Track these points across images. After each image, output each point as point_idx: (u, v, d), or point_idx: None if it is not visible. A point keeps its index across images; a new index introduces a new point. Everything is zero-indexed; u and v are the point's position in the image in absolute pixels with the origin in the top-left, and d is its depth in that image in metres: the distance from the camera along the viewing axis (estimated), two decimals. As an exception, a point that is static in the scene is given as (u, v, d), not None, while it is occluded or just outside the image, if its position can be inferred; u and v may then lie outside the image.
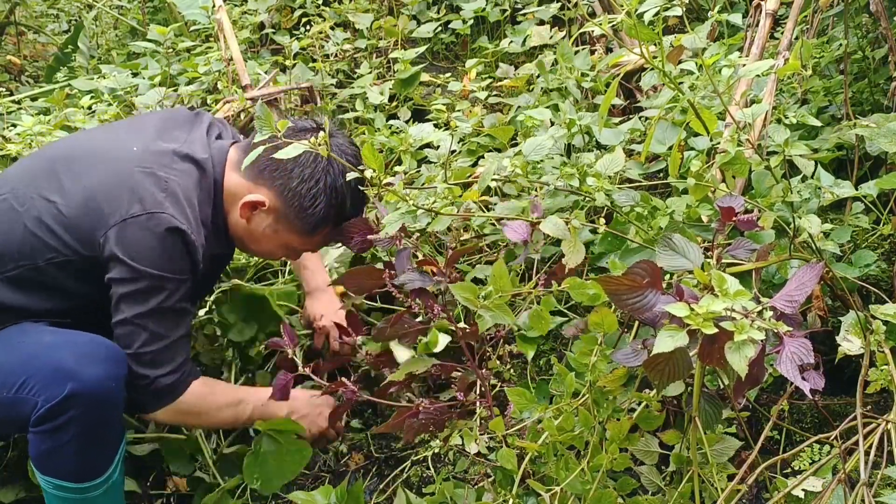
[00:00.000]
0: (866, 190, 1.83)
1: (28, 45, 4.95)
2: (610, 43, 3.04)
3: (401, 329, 1.68)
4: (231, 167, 1.80)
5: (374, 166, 1.50)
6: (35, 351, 1.64)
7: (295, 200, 1.74)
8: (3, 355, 1.65)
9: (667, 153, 2.14)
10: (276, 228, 1.79)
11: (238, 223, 1.80)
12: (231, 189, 1.79)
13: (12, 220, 1.69)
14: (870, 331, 1.57)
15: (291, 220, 1.77)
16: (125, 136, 1.82)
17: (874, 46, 2.40)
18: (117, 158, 1.74)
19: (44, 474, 1.65)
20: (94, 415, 1.60)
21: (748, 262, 1.57)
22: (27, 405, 1.59)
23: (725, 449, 1.57)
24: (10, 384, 1.61)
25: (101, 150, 1.78)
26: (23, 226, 1.68)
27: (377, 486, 1.94)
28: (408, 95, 3.18)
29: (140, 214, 1.65)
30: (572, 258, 1.54)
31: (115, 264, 1.65)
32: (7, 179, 1.79)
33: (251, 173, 1.76)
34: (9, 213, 1.70)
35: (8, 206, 1.71)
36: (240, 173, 1.77)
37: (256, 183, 1.77)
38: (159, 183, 1.69)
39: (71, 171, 1.72)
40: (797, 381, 1.17)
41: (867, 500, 1.28)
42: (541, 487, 1.46)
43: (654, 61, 1.60)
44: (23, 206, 1.70)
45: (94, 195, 1.67)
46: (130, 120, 2.04)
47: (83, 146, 1.83)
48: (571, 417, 1.51)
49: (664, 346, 1.17)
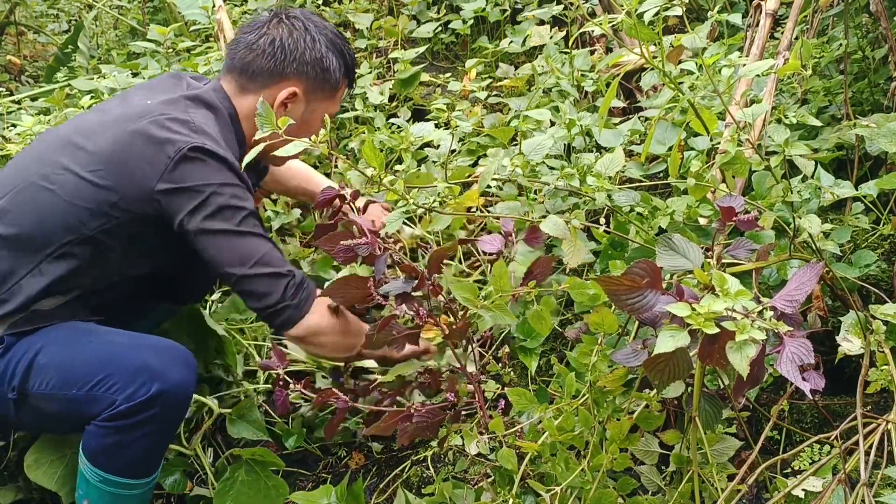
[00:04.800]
0: (866, 190, 1.83)
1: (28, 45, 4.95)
2: (610, 43, 3.04)
3: (388, 335, 1.67)
4: (235, 96, 1.84)
5: (375, 165, 1.50)
6: (112, 350, 1.66)
7: (314, 68, 1.84)
8: (70, 353, 1.66)
9: (667, 153, 2.14)
10: (310, 109, 1.87)
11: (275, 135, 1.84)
12: (250, 110, 1.81)
13: (48, 200, 1.68)
14: (870, 331, 1.57)
15: (319, 88, 1.86)
16: (129, 100, 1.83)
17: (874, 46, 2.40)
18: (134, 115, 1.72)
19: (97, 467, 1.66)
20: (172, 415, 1.67)
21: (748, 262, 1.57)
22: (100, 403, 1.61)
23: (725, 449, 1.57)
24: (83, 382, 1.62)
25: (113, 114, 1.77)
26: (62, 201, 1.67)
27: (377, 486, 1.94)
28: (408, 95, 3.18)
29: (182, 149, 1.64)
30: (573, 258, 1.54)
31: (178, 198, 1.65)
32: (24, 165, 1.77)
33: (262, 81, 1.82)
34: (41, 193, 1.69)
35: (38, 188, 1.70)
36: (248, 93, 1.83)
37: (273, 85, 1.83)
38: (186, 125, 1.70)
39: (90, 139, 1.71)
40: (797, 382, 1.17)
41: (867, 500, 1.28)
42: (541, 487, 1.46)
43: (654, 61, 1.60)
44: (54, 183, 1.69)
45: (126, 151, 1.67)
46: (120, 94, 2.01)
47: (91, 118, 1.81)
48: (571, 417, 1.51)
49: (665, 346, 1.17)
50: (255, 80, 1.83)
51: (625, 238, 1.79)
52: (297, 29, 1.83)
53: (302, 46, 1.83)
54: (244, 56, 1.83)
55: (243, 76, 1.84)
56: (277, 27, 1.84)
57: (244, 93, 1.84)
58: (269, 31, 1.84)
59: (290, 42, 1.82)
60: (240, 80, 1.84)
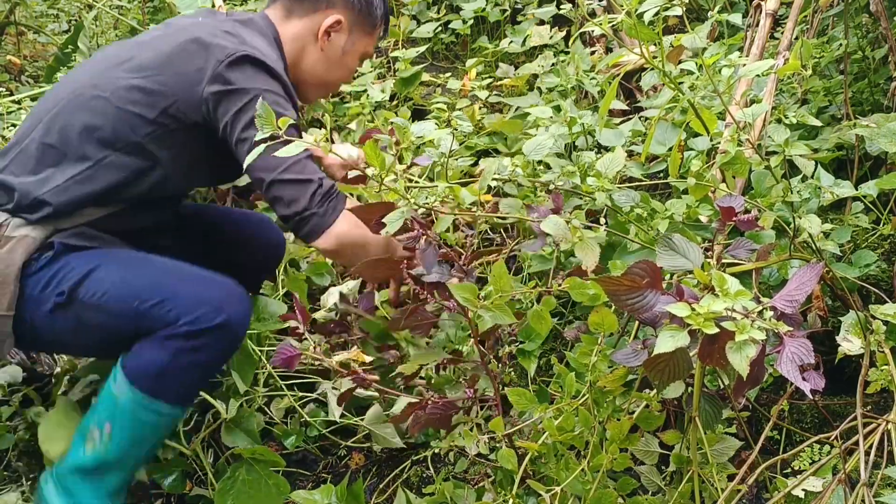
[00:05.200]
0: (866, 190, 1.83)
1: (28, 45, 4.95)
2: (610, 43, 3.04)
3: (414, 321, 1.67)
4: (280, 22, 1.89)
5: (376, 164, 1.50)
6: (177, 274, 1.70)
7: (360, 1, 1.91)
8: (132, 271, 1.69)
9: (667, 153, 2.14)
10: (351, 41, 1.93)
11: (315, 63, 1.91)
12: (294, 35, 1.89)
13: (99, 107, 1.71)
14: (870, 331, 1.57)
15: (362, 22, 1.93)
16: (172, 23, 1.87)
17: (874, 46, 2.40)
18: (185, 27, 1.77)
19: (139, 388, 1.65)
20: (227, 349, 1.70)
21: (748, 262, 1.57)
22: (158, 321, 1.63)
23: (725, 449, 1.57)
24: (143, 298, 1.64)
25: (159, 32, 1.82)
26: (113, 107, 1.71)
27: (377, 486, 1.94)
28: (408, 95, 3.17)
29: (233, 54, 1.69)
30: (588, 260, 1.54)
31: (225, 100, 1.68)
32: (74, 78, 1.82)
33: (308, 6, 1.89)
34: (92, 101, 1.73)
35: (89, 97, 1.73)
36: (293, 18, 1.89)
37: (319, 11, 1.89)
38: (237, 37, 1.74)
39: (140, 52, 1.75)
40: (797, 382, 1.17)
41: (867, 500, 1.28)
42: (541, 487, 1.46)
43: (654, 61, 1.60)
44: (105, 91, 1.72)
45: (178, 55, 1.71)
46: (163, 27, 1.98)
47: (134, 40, 1.86)
48: (571, 417, 1.51)
49: (665, 347, 1.17)
50: (302, 5, 1.89)
51: (625, 238, 1.79)
52: None
53: None
54: None
55: (290, 1, 1.89)
56: None
57: (290, 17, 1.90)
58: None
59: None
60: (287, 3, 1.90)
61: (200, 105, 1.70)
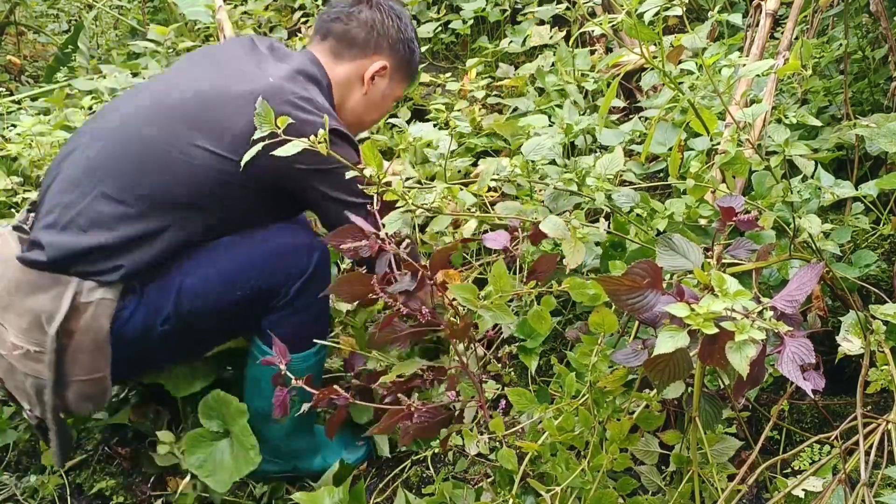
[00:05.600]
0: (866, 190, 1.83)
1: (28, 45, 4.95)
2: (610, 43, 3.05)
3: (391, 333, 1.68)
4: (329, 65, 1.93)
5: (373, 165, 1.50)
6: (259, 244, 1.76)
7: (405, 48, 1.99)
8: (217, 265, 1.74)
9: (667, 154, 2.14)
10: (391, 86, 2.01)
11: (357, 104, 1.98)
12: (343, 78, 1.95)
13: (175, 167, 1.70)
14: (870, 331, 1.57)
15: (403, 69, 2.01)
16: (236, 67, 1.84)
17: (874, 46, 2.40)
18: (261, 91, 1.71)
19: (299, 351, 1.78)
20: (329, 269, 1.83)
21: (748, 263, 1.57)
22: (266, 295, 1.75)
23: (725, 449, 1.57)
24: (241, 282, 1.73)
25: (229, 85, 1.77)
26: (189, 168, 1.70)
27: (377, 486, 1.94)
28: (407, 95, 3.17)
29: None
30: (572, 258, 1.54)
31: (312, 175, 1.74)
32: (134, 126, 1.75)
33: (357, 51, 1.95)
34: (167, 159, 1.70)
35: (164, 152, 1.71)
36: (342, 61, 1.94)
37: (367, 57, 1.95)
38: (312, 103, 1.76)
39: (216, 113, 1.73)
40: (798, 381, 1.17)
41: (867, 500, 1.28)
42: (541, 487, 1.46)
43: (654, 61, 1.60)
44: (187, 155, 1.70)
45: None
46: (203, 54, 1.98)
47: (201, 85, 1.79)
48: (571, 417, 1.51)
49: (665, 347, 1.17)
50: (352, 49, 1.94)
51: (625, 238, 1.79)
52: (392, 9, 1.98)
53: (397, 25, 1.97)
54: (342, 25, 1.95)
55: (340, 44, 1.94)
56: (367, 4, 1.96)
57: (338, 60, 1.95)
58: (363, 6, 1.96)
59: (387, 19, 1.96)
60: (335, 47, 1.95)
61: (289, 177, 1.74)
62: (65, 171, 1.76)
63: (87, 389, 1.71)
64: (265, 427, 1.88)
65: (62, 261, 1.66)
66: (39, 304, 1.65)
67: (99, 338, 1.67)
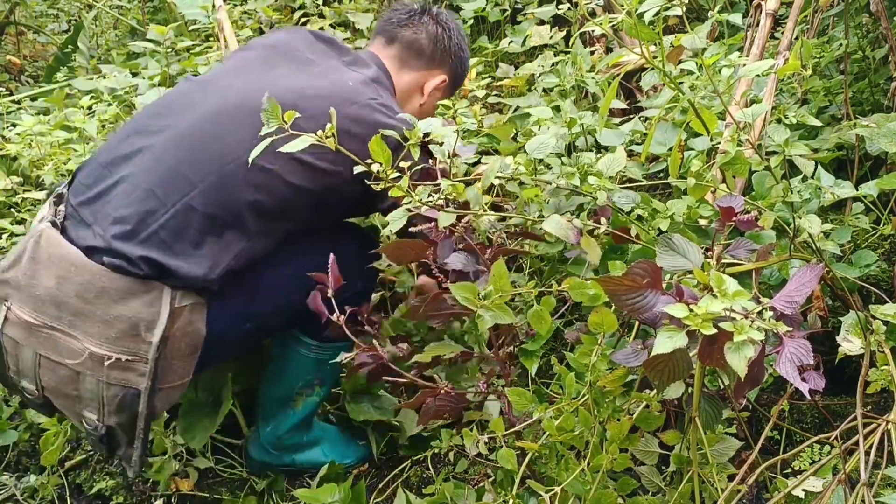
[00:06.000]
0: (866, 190, 1.83)
1: (28, 44, 4.95)
2: (610, 43, 3.04)
3: (434, 309, 1.67)
4: (395, 71, 1.95)
5: (381, 160, 1.49)
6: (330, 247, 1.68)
7: (461, 65, 2.04)
8: (283, 269, 1.73)
9: (667, 154, 2.14)
10: (440, 98, 2.06)
11: (413, 112, 1.92)
12: (406, 86, 1.97)
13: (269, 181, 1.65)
14: (870, 331, 1.57)
15: (455, 84, 2.06)
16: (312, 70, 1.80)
17: (874, 46, 2.40)
18: (344, 97, 1.70)
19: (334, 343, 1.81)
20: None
21: (748, 263, 1.57)
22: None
23: (725, 449, 1.57)
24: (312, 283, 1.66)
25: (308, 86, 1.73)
26: (283, 183, 1.66)
27: (377, 486, 1.94)
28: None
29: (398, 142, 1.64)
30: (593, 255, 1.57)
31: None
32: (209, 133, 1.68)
33: (423, 62, 1.97)
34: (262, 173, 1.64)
35: (260, 167, 1.62)
36: (407, 70, 1.96)
37: (431, 69, 1.99)
38: (391, 109, 1.76)
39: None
40: (796, 383, 1.17)
41: (867, 500, 1.28)
42: (541, 488, 1.46)
43: (654, 61, 1.60)
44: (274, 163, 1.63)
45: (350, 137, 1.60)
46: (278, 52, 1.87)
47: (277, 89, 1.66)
48: (571, 417, 1.51)
49: (663, 347, 1.17)
50: (419, 59, 1.96)
51: (625, 238, 1.79)
52: (452, 25, 2.01)
53: (457, 42, 2.01)
54: (411, 33, 1.96)
55: (408, 51, 1.96)
56: (432, 17, 1.99)
57: (404, 68, 1.97)
58: (426, 18, 1.99)
59: (450, 34, 1.99)
60: (403, 54, 1.96)
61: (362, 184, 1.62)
62: (136, 177, 1.65)
63: (174, 394, 1.67)
64: (278, 413, 1.90)
65: (153, 276, 1.59)
66: (133, 310, 1.57)
67: (196, 342, 1.63)
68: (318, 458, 1.99)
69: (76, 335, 1.58)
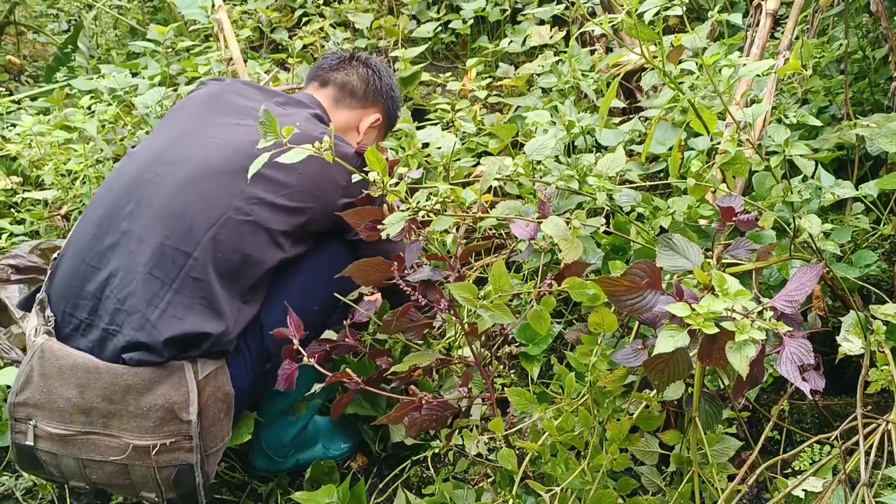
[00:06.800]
0: (866, 190, 1.83)
1: (28, 45, 4.95)
2: (610, 43, 3.04)
3: (407, 322, 1.67)
4: (330, 109, 2.02)
5: (377, 169, 1.50)
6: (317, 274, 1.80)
7: (393, 105, 2.13)
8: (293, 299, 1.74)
9: (667, 153, 2.14)
10: (376, 137, 2.12)
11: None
12: (342, 124, 2.03)
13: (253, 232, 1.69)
14: (870, 331, 1.57)
15: (389, 123, 2.14)
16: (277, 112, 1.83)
17: (874, 46, 2.40)
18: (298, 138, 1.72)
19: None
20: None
21: (748, 263, 1.57)
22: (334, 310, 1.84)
23: (725, 449, 1.57)
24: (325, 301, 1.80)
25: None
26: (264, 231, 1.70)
27: (377, 486, 1.94)
28: (408, 95, 3.17)
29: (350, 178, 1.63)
30: (568, 255, 1.54)
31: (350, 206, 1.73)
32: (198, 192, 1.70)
33: (357, 102, 2.05)
34: (245, 226, 1.68)
35: (241, 221, 1.68)
36: (342, 108, 2.04)
37: (365, 107, 2.07)
38: (342, 141, 1.82)
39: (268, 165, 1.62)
40: (797, 382, 1.17)
41: (867, 500, 1.28)
42: (541, 488, 1.46)
43: (654, 61, 1.60)
44: (251, 214, 1.68)
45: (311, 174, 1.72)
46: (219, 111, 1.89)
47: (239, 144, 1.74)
48: (571, 418, 1.51)
49: (665, 347, 1.17)
50: (353, 98, 2.04)
51: (626, 238, 1.79)
52: (381, 68, 2.11)
53: (388, 82, 2.10)
54: (343, 75, 2.05)
55: (341, 92, 2.04)
56: (361, 62, 2.09)
57: (339, 107, 2.04)
58: (356, 62, 2.08)
59: (380, 75, 2.08)
60: (336, 94, 2.04)
61: (332, 216, 1.74)
62: (128, 265, 1.65)
63: (220, 452, 1.70)
64: (279, 421, 1.92)
65: (173, 356, 1.61)
66: (164, 397, 1.59)
67: (228, 402, 1.68)
68: (319, 453, 2.02)
69: (114, 433, 1.60)
